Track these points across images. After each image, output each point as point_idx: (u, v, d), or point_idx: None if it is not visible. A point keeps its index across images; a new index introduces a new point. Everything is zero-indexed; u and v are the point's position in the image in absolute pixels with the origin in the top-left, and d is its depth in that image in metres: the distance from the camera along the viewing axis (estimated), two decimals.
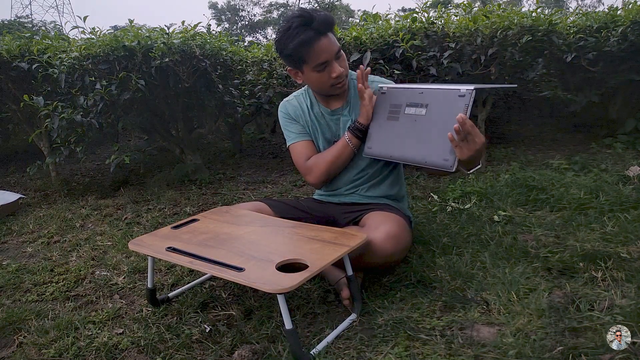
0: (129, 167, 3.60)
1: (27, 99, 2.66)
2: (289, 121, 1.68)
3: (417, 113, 1.40)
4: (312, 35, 1.41)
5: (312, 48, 1.42)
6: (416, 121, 1.40)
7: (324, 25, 1.42)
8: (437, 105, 1.36)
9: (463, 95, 1.30)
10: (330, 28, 1.45)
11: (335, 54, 1.46)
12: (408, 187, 2.58)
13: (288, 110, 1.68)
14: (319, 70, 1.47)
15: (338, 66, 1.48)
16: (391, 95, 1.48)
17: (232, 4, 24.33)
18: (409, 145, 1.42)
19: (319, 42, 1.42)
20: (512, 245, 1.67)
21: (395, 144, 1.45)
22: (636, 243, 1.61)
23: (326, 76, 1.49)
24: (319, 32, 1.41)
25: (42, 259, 1.98)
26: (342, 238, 1.32)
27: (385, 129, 1.48)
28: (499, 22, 2.58)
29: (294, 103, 1.69)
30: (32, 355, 1.27)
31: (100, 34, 2.77)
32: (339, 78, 1.49)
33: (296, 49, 1.43)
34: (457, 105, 1.30)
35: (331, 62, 1.46)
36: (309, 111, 1.66)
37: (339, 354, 1.17)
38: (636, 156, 2.80)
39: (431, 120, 1.37)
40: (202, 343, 1.27)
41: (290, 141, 1.68)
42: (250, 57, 3.49)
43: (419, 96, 1.40)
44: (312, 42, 1.41)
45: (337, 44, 1.47)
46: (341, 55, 1.50)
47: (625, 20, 2.87)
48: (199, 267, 1.21)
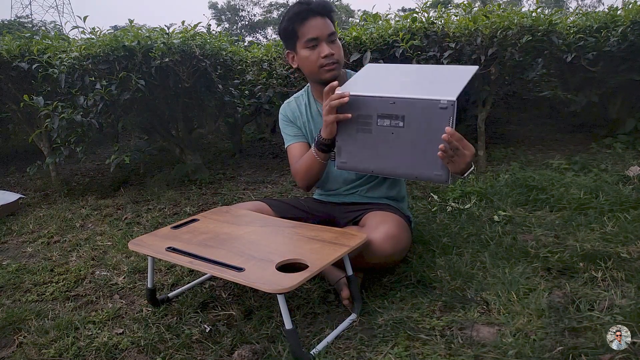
0: (129, 167, 3.60)
1: (27, 99, 2.66)
2: (286, 123, 1.70)
3: (393, 125, 1.27)
4: (307, 9, 1.48)
5: (305, 22, 1.48)
6: (394, 134, 1.27)
7: (319, 6, 1.49)
8: (416, 118, 1.24)
9: (445, 108, 1.19)
10: (326, 11, 1.50)
11: (327, 36, 1.49)
12: (408, 187, 2.58)
13: (286, 112, 1.70)
14: (309, 47, 1.50)
15: (324, 48, 1.49)
16: (358, 104, 1.30)
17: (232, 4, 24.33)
18: (390, 158, 1.30)
19: (312, 18, 1.48)
20: (512, 245, 1.68)
21: (373, 157, 1.32)
22: (636, 243, 1.61)
23: (315, 55, 1.50)
24: (314, 10, 1.48)
25: (42, 259, 1.98)
26: (342, 238, 1.32)
27: (357, 142, 1.33)
28: (498, 22, 2.58)
29: (292, 105, 1.70)
30: (32, 355, 1.27)
31: (100, 34, 2.77)
32: (328, 58, 1.50)
33: (290, 19, 1.50)
34: (440, 118, 1.20)
35: (322, 41, 1.49)
36: (307, 111, 1.67)
37: (339, 354, 1.17)
38: (636, 156, 2.80)
39: (412, 133, 1.25)
40: (202, 343, 1.27)
41: (286, 143, 1.70)
42: (250, 57, 3.49)
43: (392, 107, 1.25)
44: (306, 16, 1.48)
45: (331, 29, 1.50)
46: (335, 41, 1.52)
47: (625, 20, 2.87)
48: (199, 267, 1.21)
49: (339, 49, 1.53)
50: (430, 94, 1.23)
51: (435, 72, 1.39)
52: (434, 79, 1.34)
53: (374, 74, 1.44)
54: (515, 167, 2.71)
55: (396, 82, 1.37)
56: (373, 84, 1.37)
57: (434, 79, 1.34)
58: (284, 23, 1.53)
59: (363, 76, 1.44)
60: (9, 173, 3.92)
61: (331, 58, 1.50)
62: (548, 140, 3.56)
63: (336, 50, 1.51)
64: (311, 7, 1.48)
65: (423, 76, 1.38)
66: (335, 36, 1.51)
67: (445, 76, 1.34)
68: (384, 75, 1.43)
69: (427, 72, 1.41)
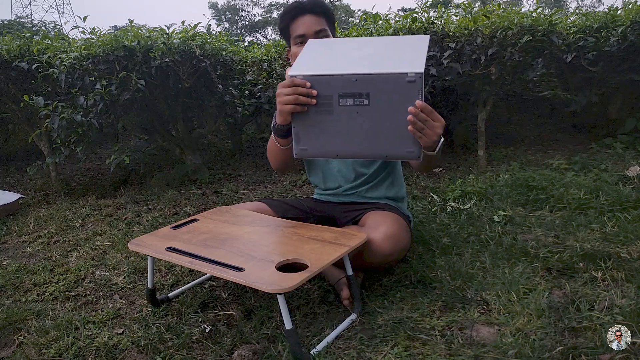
0: (129, 167, 3.60)
1: (27, 99, 2.66)
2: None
3: (357, 104, 1.17)
4: (298, 8, 1.52)
5: (295, 19, 1.53)
6: (358, 113, 1.18)
7: (310, 4, 1.53)
8: (382, 95, 1.15)
9: (413, 81, 1.11)
10: (318, 9, 1.53)
11: (314, 33, 1.51)
12: (408, 187, 2.58)
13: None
14: (297, 43, 1.54)
15: None
16: (314, 85, 1.18)
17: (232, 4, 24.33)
18: (357, 140, 1.20)
19: (302, 16, 1.52)
20: (512, 245, 1.68)
21: (337, 140, 1.22)
22: (636, 243, 1.61)
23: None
24: (304, 8, 1.52)
25: (42, 259, 1.98)
26: (342, 238, 1.32)
27: (317, 126, 1.22)
28: (498, 22, 2.58)
29: None
30: (32, 355, 1.27)
31: (100, 34, 2.77)
32: None
33: (283, 17, 1.56)
34: (408, 92, 1.12)
35: (308, 38, 1.50)
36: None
37: (339, 354, 1.17)
38: (636, 156, 2.80)
39: (379, 111, 1.16)
40: (202, 343, 1.27)
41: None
42: (250, 57, 3.49)
43: (354, 84, 1.15)
44: (296, 14, 1.53)
45: (321, 26, 1.52)
46: (324, 37, 1.52)
47: (625, 20, 2.87)
48: (199, 267, 1.21)
49: None
50: (394, 67, 1.14)
51: (389, 43, 1.30)
52: (391, 51, 1.24)
53: (323, 51, 1.31)
54: (515, 167, 2.71)
55: (351, 57, 1.24)
56: (326, 61, 1.24)
57: (392, 51, 1.24)
58: (279, 21, 1.60)
59: (311, 53, 1.29)
60: (9, 173, 3.92)
61: None
62: (548, 140, 3.56)
63: None
64: (302, 5, 1.53)
65: (378, 49, 1.27)
66: (325, 33, 1.53)
67: (401, 48, 1.24)
68: (335, 50, 1.30)
69: (379, 45, 1.29)
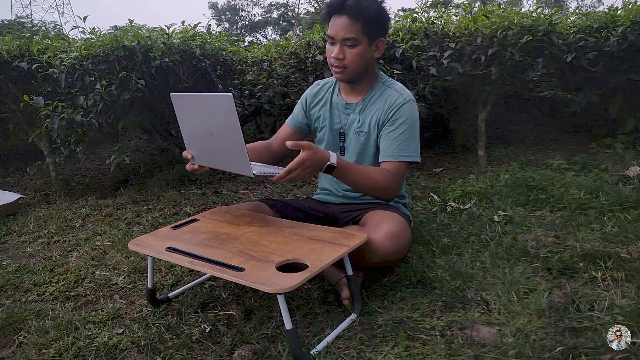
0: (129, 167, 3.59)
1: (27, 99, 2.66)
2: (300, 105, 1.78)
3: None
4: (337, 5, 1.46)
5: (330, 17, 1.49)
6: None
7: (348, 7, 1.44)
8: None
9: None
10: (356, 14, 1.43)
11: (342, 39, 1.47)
12: (408, 187, 2.58)
13: (308, 92, 1.77)
14: (327, 41, 1.53)
15: (335, 49, 1.49)
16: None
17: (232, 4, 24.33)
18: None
19: (337, 16, 1.46)
20: (512, 245, 1.68)
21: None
22: (636, 243, 1.61)
23: (329, 52, 1.53)
24: (343, 9, 1.45)
25: (42, 259, 1.98)
26: (342, 238, 1.32)
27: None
28: (499, 22, 2.58)
29: (319, 85, 1.76)
30: (32, 355, 1.27)
31: (100, 34, 2.77)
32: (335, 60, 1.51)
33: (325, 9, 1.52)
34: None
35: (336, 42, 1.49)
36: (330, 97, 1.70)
37: (339, 354, 1.17)
38: (636, 156, 2.80)
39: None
40: (202, 343, 1.27)
41: (287, 120, 1.82)
42: (250, 57, 3.49)
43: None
44: (332, 12, 1.48)
45: (351, 34, 1.45)
46: (354, 47, 1.48)
47: (625, 20, 2.87)
48: (199, 267, 1.21)
49: (354, 55, 1.49)
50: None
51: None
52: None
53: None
54: (515, 167, 2.71)
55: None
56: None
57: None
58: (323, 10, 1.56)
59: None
60: (9, 173, 3.92)
61: (338, 61, 1.50)
62: (548, 140, 3.56)
63: (348, 56, 1.49)
64: (342, 4, 1.45)
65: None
66: (355, 42, 1.46)
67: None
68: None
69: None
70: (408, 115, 1.54)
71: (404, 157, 1.53)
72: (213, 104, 1.30)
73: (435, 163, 3.13)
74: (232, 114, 1.21)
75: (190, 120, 1.42)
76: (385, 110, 1.56)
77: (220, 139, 1.33)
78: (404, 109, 1.54)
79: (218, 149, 1.37)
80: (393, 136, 1.54)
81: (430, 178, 2.77)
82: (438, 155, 3.33)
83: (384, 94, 1.59)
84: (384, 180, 1.50)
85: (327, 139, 1.69)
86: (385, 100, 1.57)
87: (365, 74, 1.57)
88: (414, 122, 1.56)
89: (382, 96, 1.59)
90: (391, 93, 1.57)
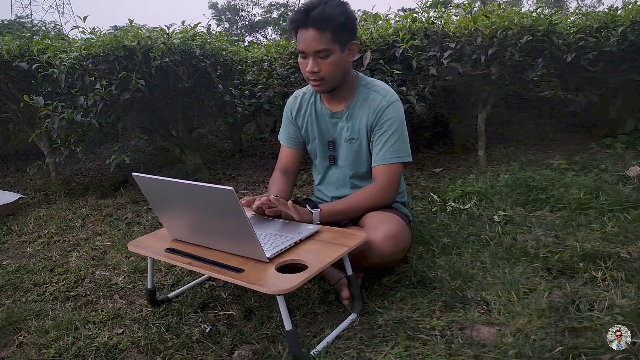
0: (129, 167, 3.59)
1: (27, 99, 2.66)
2: (286, 118, 1.75)
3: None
4: (301, 20, 1.43)
5: (297, 31, 1.46)
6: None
7: (313, 19, 1.41)
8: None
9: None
10: (322, 24, 1.40)
11: (314, 51, 1.43)
12: (408, 187, 2.57)
13: (290, 105, 1.74)
14: (299, 55, 1.50)
15: (309, 63, 1.46)
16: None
17: (232, 4, 24.31)
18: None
19: (304, 29, 1.43)
20: (512, 245, 1.68)
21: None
22: (636, 243, 1.61)
23: (304, 66, 1.50)
24: (307, 22, 1.42)
25: (42, 259, 1.98)
26: (341, 238, 1.32)
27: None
28: (499, 22, 2.58)
29: (298, 98, 1.72)
30: (32, 355, 1.27)
31: (100, 34, 2.77)
32: (309, 74, 1.48)
33: (290, 24, 1.49)
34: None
35: (307, 56, 1.46)
36: (311, 107, 1.68)
37: (339, 354, 1.17)
38: (636, 156, 2.80)
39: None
40: (202, 343, 1.27)
41: (280, 140, 1.79)
42: (250, 57, 3.48)
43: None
44: (297, 27, 1.46)
45: (321, 45, 1.41)
46: (327, 57, 1.44)
47: (625, 20, 2.87)
48: (198, 268, 1.21)
49: (329, 66, 1.45)
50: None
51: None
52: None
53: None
54: (515, 167, 2.71)
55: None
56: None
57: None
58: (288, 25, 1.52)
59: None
60: (9, 173, 3.92)
61: (314, 75, 1.47)
62: (548, 140, 3.56)
63: (323, 67, 1.45)
64: (306, 17, 1.41)
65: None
66: (328, 52, 1.43)
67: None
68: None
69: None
70: (394, 117, 1.54)
71: (398, 159, 1.55)
72: (213, 196, 1.16)
73: (435, 163, 3.13)
74: (236, 206, 1.11)
75: (174, 206, 1.33)
76: (372, 114, 1.56)
77: (221, 227, 1.23)
78: (390, 111, 1.54)
79: (217, 234, 1.27)
80: (383, 140, 1.55)
81: (430, 178, 2.77)
82: (438, 155, 3.33)
83: (367, 98, 1.57)
84: (375, 194, 1.53)
85: (317, 149, 1.70)
86: (370, 105, 1.56)
87: (344, 80, 1.55)
88: (401, 122, 1.56)
89: (366, 101, 1.58)
90: (375, 96, 1.56)
